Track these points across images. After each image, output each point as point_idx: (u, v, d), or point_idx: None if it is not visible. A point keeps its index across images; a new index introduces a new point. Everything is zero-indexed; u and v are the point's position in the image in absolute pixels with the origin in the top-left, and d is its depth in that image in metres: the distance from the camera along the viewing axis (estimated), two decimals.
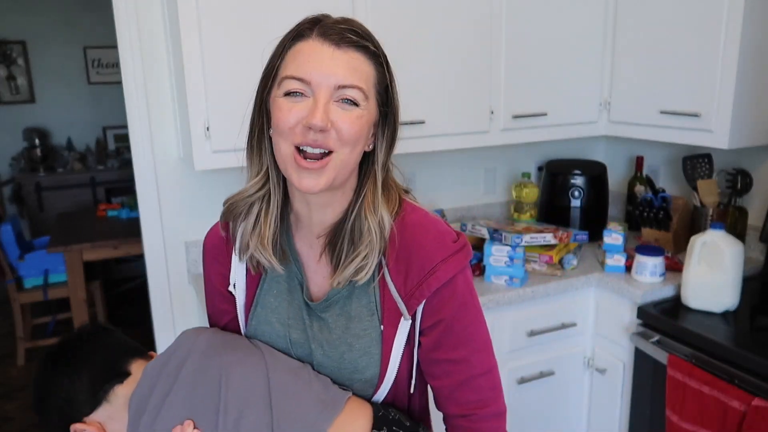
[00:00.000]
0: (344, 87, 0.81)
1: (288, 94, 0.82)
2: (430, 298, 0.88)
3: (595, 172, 2.39)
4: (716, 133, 1.90)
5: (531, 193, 2.43)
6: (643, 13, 2.10)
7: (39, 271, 3.47)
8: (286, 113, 0.82)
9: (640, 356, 1.89)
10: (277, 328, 0.96)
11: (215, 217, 2.29)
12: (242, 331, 1.00)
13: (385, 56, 0.87)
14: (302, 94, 0.81)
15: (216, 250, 1.02)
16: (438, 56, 1.99)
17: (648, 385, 1.88)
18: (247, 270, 0.98)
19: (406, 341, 0.91)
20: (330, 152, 0.82)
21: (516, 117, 2.15)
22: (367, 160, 0.90)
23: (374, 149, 0.89)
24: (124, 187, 4.87)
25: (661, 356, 1.77)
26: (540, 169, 2.63)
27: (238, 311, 1.01)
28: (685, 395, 1.66)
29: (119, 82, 2.03)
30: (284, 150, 0.84)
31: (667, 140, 2.08)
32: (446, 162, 2.47)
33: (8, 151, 5.07)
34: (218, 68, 1.70)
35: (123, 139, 5.20)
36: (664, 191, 2.30)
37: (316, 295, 0.95)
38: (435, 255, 0.87)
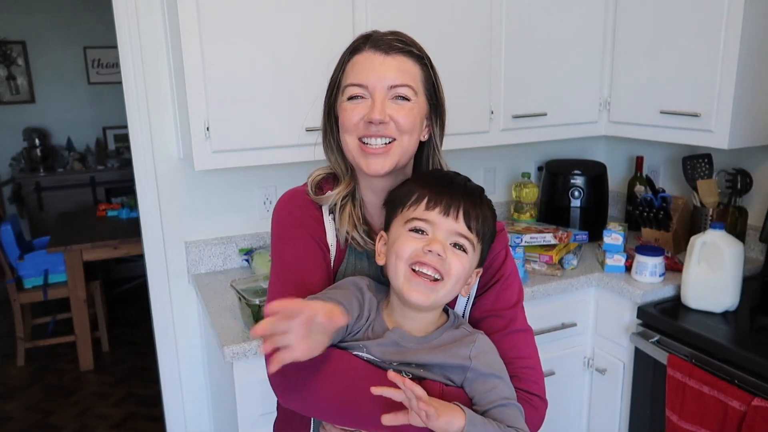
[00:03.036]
0: (396, 86, 0.98)
1: (351, 98, 0.99)
2: (488, 265, 1.03)
3: (595, 172, 2.39)
4: (716, 133, 1.90)
5: (531, 193, 2.43)
6: (643, 14, 2.10)
7: (39, 271, 3.47)
8: (351, 113, 0.99)
9: (640, 356, 1.89)
10: None
11: (215, 217, 2.30)
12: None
13: (428, 58, 1.03)
14: (362, 97, 0.98)
15: (314, 221, 1.06)
16: (438, 56, 1.97)
17: (648, 385, 1.88)
18: (337, 241, 1.06)
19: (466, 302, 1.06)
20: (392, 140, 0.99)
21: (516, 117, 2.15)
22: (421, 150, 1.06)
23: (430, 137, 1.06)
24: (124, 187, 4.87)
25: (661, 356, 1.77)
26: (540, 169, 2.63)
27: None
28: (685, 395, 1.66)
29: (119, 82, 2.03)
30: (351, 143, 1.00)
31: (667, 140, 2.08)
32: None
33: (8, 151, 5.07)
34: (218, 68, 1.70)
35: (123, 139, 5.20)
36: (664, 191, 2.30)
37: None
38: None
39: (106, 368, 3.55)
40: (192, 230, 2.12)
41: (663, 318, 1.81)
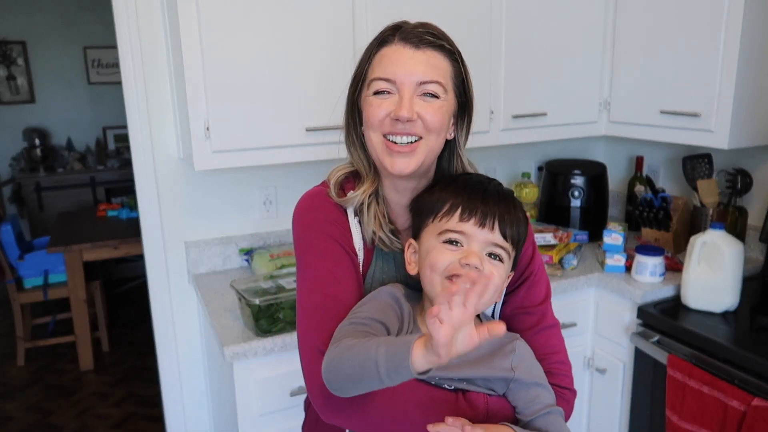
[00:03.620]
0: (425, 83, 0.93)
1: (377, 93, 0.94)
2: (521, 257, 1.00)
3: (595, 172, 2.39)
4: (716, 133, 1.90)
5: (531, 193, 2.43)
6: (643, 14, 2.10)
7: (39, 271, 3.47)
8: (376, 108, 0.94)
9: (640, 356, 1.89)
10: None
11: (215, 217, 2.30)
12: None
13: (459, 53, 0.99)
14: (389, 92, 0.94)
15: (340, 227, 1.01)
16: None
17: (648, 385, 1.88)
18: (364, 242, 1.02)
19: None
20: (419, 139, 0.94)
21: (516, 117, 2.15)
22: (443, 150, 1.01)
23: (455, 136, 1.02)
24: (124, 187, 4.87)
25: (661, 356, 1.77)
26: (540, 169, 2.63)
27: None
28: (685, 395, 1.66)
29: (119, 82, 2.03)
30: (375, 139, 0.96)
31: (667, 140, 2.08)
32: None
33: (8, 151, 5.07)
34: (218, 68, 1.70)
35: (123, 139, 5.21)
36: (664, 191, 2.30)
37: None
38: None
39: (106, 368, 3.55)
40: (192, 230, 2.12)
41: (663, 318, 1.81)
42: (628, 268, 2.01)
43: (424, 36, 0.95)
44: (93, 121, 5.31)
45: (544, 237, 2.06)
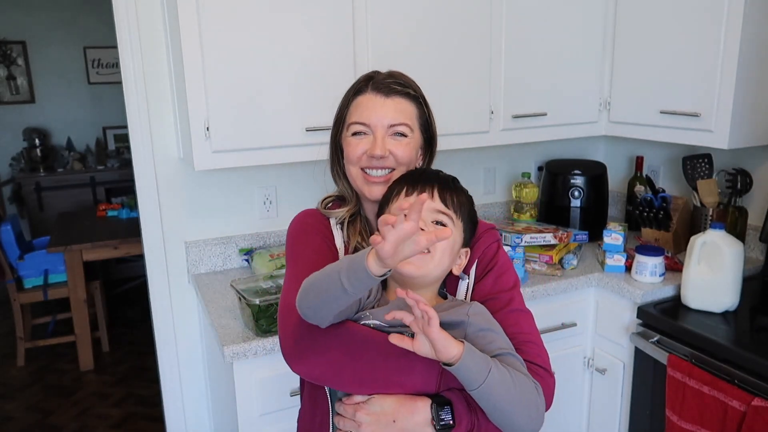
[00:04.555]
0: (394, 125, 1.12)
1: (355, 134, 1.13)
2: (482, 256, 1.12)
3: (595, 172, 2.39)
4: (716, 133, 1.90)
5: (531, 193, 2.43)
6: (643, 14, 2.10)
7: (39, 271, 3.47)
8: (354, 147, 1.13)
9: (640, 356, 1.89)
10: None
11: (215, 217, 2.30)
12: None
13: (423, 97, 1.17)
14: (364, 133, 1.12)
15: (325, 228, 1.18)
16: (438, 56, 1.99)
17: (648, 385, 1.88)
18: (346, 248, 1.17)
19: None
20: (391, 170, 1.13)
21: (516, 117, 2.15)
22: None
23: (423, 165, 1.20)
24: (124, 187, 4.87)
25: (661, 356, 1.77)
26: (540, 169, 2.63)
27: None
28: (685, 395, 1.66)
29: (119, 82, 2.03)
30: (355, 173, 1.15)
31: (667, 140, 2.08)
32: (446, 162, 2.45)
33: (8, 151, 5.07)
34: (218, 68, 1.70)
35: (123, 139, 5.21)
36: (664, 191, 2.30)
37: None
38: (479, 226, 1.14)
39: (106, 368, 3.55)
40: (192, 230, 2.12)
41: (663, 318, 1.81)
42: (628, 268, 2.01)
43: (392, 86, 1.12)
44: (93, 121, 5.31)
45: (544, 237, 2.06)
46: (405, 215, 0.81)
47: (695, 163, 2.17)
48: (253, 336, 1.60)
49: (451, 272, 1.08)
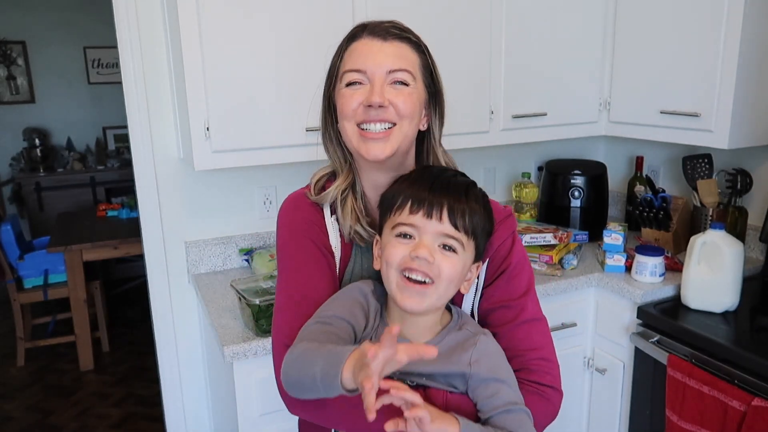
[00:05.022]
0: (394, 71, 0.96)
1: (349, 84, 0.97)
2: (494, 254, 1.01)
3: (595, 172, 2.39)
4: (716, 133, 1.90)
5: (531, 193, 2.43)
6: (643, 14, 2.10)
7: (39, 271, 3.47)
8: (349, 99, 0.97)
9: (640, 356, 1.89)
10: None
11: (215, 217, 2.30)
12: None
13: (425, 45, 1.03)
14: (360, 83, 0.97)
15: (315, 226, 1.05)
16: (438, 56, 1.98)
17: (648, 385, 1.88)
18: (342, 239, 1.05)
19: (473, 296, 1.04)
20: (392, 126, 0.97)
21: (516, 117, 2.15)
22: (421, 142, 1.05)
23: (429, 127, 1.04)
24: (124, 187, 4.87)
25: (661, 356, 1.77)
26: (540, 169, 2.63)
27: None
28: (685, 395, 1.66)
29: (119, 82, 2.03)
30: (350, 129, 0.98)
31: (667, 140, 2.08)
32: None
33: (8, 151, 5.07)
34: (218, 68, 1.70)
35: (123, 139, 5.21)
36: (664, 191, 2.30)
37: None
38: (494, 215, 0.99)
39: (106, 368, 3.55)
40: (192, 230, 2.12)
41: (663, 318, 1.81)
42: (628, 268, 2.01)
43: (391, 29, 0.99)
44: (93, 121, 5.31)
45: (544, 237, 2.06)
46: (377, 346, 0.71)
47: (695, 163, 2.17)
48: (253, 336, 1.60)
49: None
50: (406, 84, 0.97)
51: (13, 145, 5.06)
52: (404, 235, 0.91)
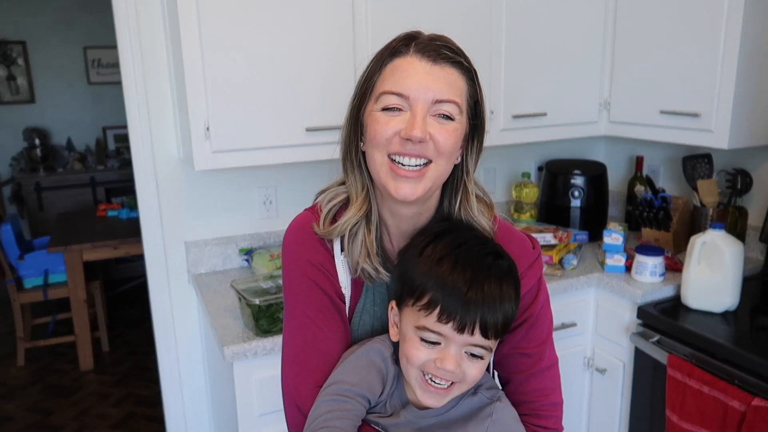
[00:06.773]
0: (441, 101, 0.84)
1: (386, 108, 0.85)
2: (521, 299, 0.91)
3: (595, 172, 2.39)
4: (716, 133, 1.90)
5: (531, 193, 2.43)
6: (643, 14, 2.10)
7: (39, 271, 3.48)
8: (384, 126, 0.84)
9: (640, 356, 1.89)
10: (377, 329, 0.99)
11: (215, 217, 2.30)
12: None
13: (475, 72, 0.90)
14: (400, 109, 0.84)
15: (323, 271, 0.95)
16: None
17: (648, 385, 1.88)
18: (352, 279, 0.96)
19: None
20: (428, 163, 0.86)
21: (516, 117, 2.15)
22: (452, 173, 0.93)
23: (463, 160, 0.92)
24: (124, 187, 4.87)
25: (661, 356, 1.77)
26: (540, 169, 2.63)
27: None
28: (685, 395, 1.66)
29: (119, 82, 2.03)
30: (379, 160, 0.86)
31: (667, 140, 2.08)
32: None
33: (8, 151, 5.07)
34: (218, 68, 1.70)
35: (123, 139, 5.21)
36: (664, 191, 2.30)
37: None
38: (521, 262, 0.92)
39: (106, 368, 3.55)
40: (192, 230, 2.12)
41: (663, 318, 1.81)
42: (628, 268, 2.01)
43: (442, 50, 0.85)
44: (93, 121, 5.31)
45: (544, 237, 2.06)
46: None
47: (695, 163, 2.17)
48: (253, 336, 1.60)
49: None
50: (451, 118, 0.85)
51: (13, 145, 5.05)
52: (429, 341, 0.83)
